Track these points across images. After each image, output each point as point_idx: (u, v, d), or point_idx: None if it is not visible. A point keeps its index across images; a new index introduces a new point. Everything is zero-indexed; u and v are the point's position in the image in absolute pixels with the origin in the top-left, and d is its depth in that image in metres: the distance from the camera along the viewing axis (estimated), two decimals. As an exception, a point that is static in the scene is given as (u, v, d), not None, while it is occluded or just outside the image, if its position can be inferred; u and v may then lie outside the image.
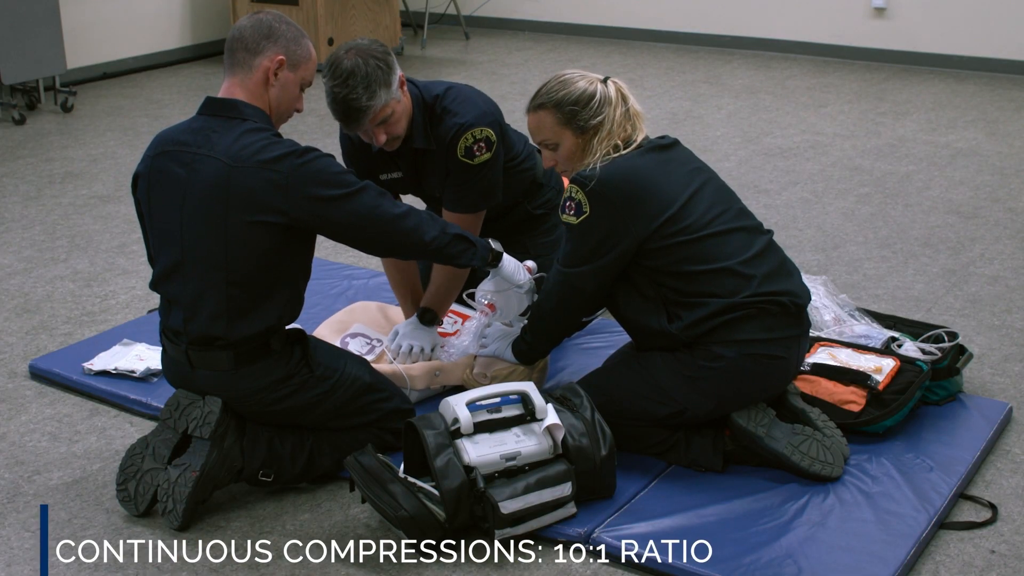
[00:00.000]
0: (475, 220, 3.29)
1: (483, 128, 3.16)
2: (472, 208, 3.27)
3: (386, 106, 3.03)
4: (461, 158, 3.17)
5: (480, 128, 3.16)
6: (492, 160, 3.21)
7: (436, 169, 3.24)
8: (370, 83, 2.98)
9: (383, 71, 3.01)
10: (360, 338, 3.38)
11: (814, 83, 7.11)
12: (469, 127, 3.15)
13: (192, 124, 2.76)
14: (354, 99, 2.98)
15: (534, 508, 2.60)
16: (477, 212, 3.29)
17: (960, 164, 5.48)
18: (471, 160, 3.17)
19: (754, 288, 2.75)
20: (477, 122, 3.17)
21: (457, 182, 3.23)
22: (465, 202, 3.26)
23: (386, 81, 3.01)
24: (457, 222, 3.25)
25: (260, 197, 2.63)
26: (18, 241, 4.64)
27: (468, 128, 3.15)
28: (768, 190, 5.15)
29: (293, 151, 2.66)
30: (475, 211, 3.28)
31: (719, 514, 2.69)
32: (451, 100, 3.19)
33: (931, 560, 2.59)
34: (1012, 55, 7.17)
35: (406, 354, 3.24)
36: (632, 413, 2.86)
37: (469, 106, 3.19)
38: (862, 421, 2.96)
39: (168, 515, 2.69)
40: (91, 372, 3.38)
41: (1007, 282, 4.11)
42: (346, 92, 2.98)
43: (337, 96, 3.00)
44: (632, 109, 2.86)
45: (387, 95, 3.02)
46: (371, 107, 3.00)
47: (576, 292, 2.86)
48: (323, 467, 2.86)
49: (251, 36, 2.74)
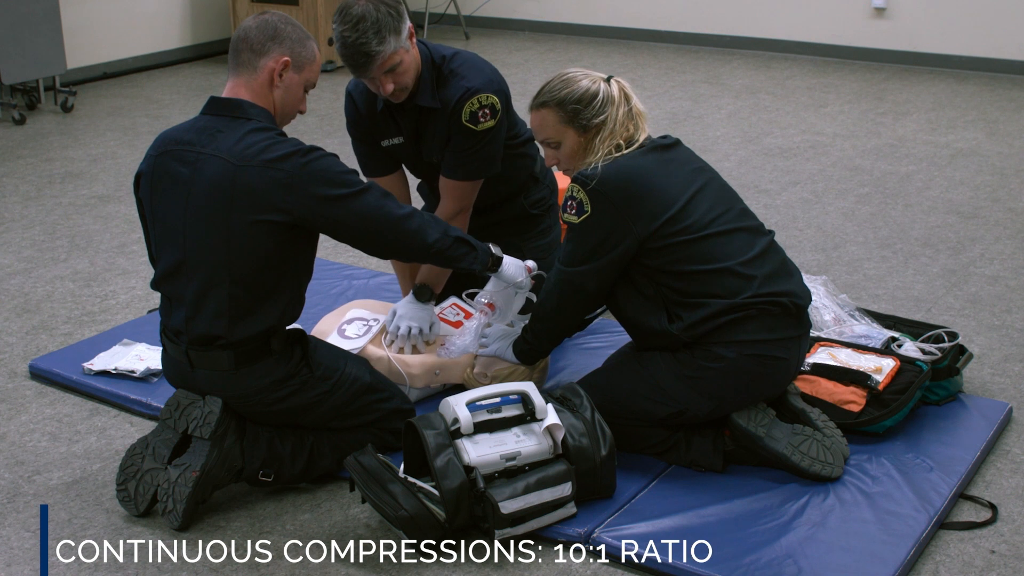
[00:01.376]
0: (472, 189, 3.28)
1: (489, 95, 3.16)
2: (470, 175, 3.26)
3: (395, 53, 3.03)
4: (465, 122, 3.16)
5: (486, 94, 3.16)
6: (495, 128, 3.20)
7: (437, 132, 3.24)
8: (380, 28, 2.98)
9: (393, 18, 3.01)
10: (357, 321, 3.35)
11: (814, 83, 7.11)
12: (476, 92, 3.15)
13: (196, 123, 2.75)
14: (364, 43, 2.98)
15: (534, 508, 2.60)
16: (475, 180, 3.28)
17: (960, 164, 5.48)
18: (475, 126, 3.17)
19: (755, 289, 2.75)
20: (484, 88, 3.17)
21: (458, 148, 3.22)
22: (464, 169, 3.25)
23: (396, 28, 3.01)
24: (453, 190, 3.25)
25: (264, 196, 2.63)
26: (18, 241, 4.64)
27: (475, 93, 3.15)
28: (768, 190, 5.15)
29: (298, 150, 2.66)
30: (473, 179, 3.27)
31: (719, 514, 2.69)
32: (459, 64, 3.19)
33: (931, 560, 2.59)
34: (1012, 55, 7.17)
35: (404, 336, 3.22)
36: (632, 413, 2.86)
37: (477, 72, 3.19)
38: (862, 421, 2.96)
39: (168, 515, 2.69)
40: (91, 372, 3.38)
41: (1007, 282, 4.11)
42: (356, 36, 2.97)
43: (347, 40, 2.99)
44: (635, 108, 2.86)
45: (396, 42, 3.02)
46: (381, 52, 3.00)
47: (577, 291, 2.86)
48: (323, 467, 2.86)
49: (256, 37, 2.74)
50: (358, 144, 3.42)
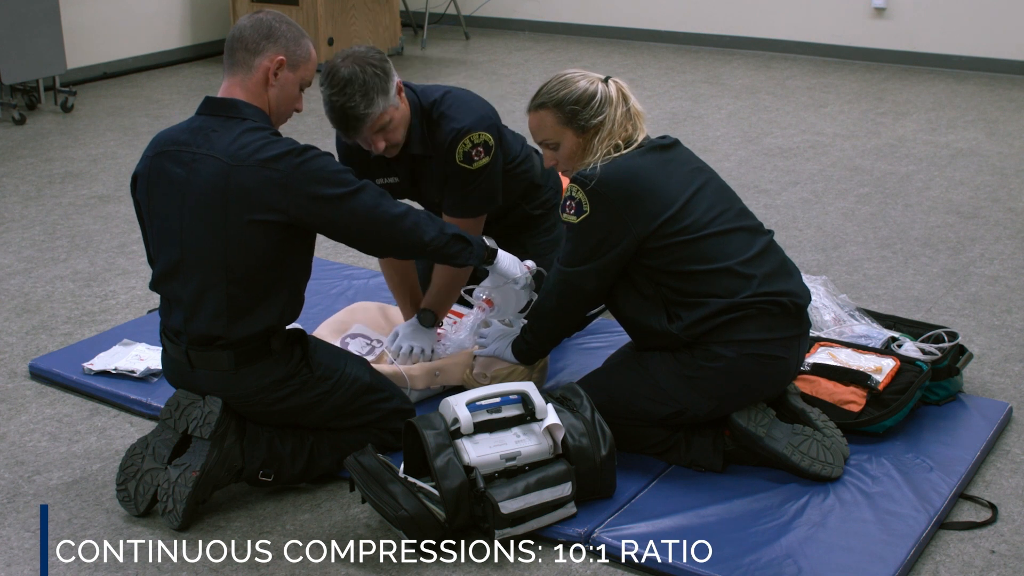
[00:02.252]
0: (476, 224, 3.28)
1: (481, 132, 3.16)
2: (473, 212, 3.27)
3: (384, 113, 3.02)
4: (460, 163, 3.17)
5: (478, 132, 3.16)
6: (491, 164, 3.20)
7: (434, 175, 3.24)
8: (368, 91, 2.97)
9: (380, 78, 3.00)
10: (360, 339, 3.39)
11: (814, 83, 7.11)
12: (467, 132, 3.15)
13: (191, 124, 2.75)
14: (352, 107, 2.97)
15: (534, 508, 2.60)
16: (478, 216, 3.29)
17: (960, 164, 5.48)
18: (470, 165, 3.17)
19: (754, 288, 2.75)
20: (475, 127, 3.16)
21: (456, 187, 3.22)
22: (465, 207, 3.25)
23: (384, 88, 3.01)
24: (459, 226, 3.24)
25: (259, 196, 2.63)
26: (18, 241, 4.64)
27: (466, 133, 3.15)
28: (768, 190, 5.14)
29: (292, 149, 2.66)
30: (476, 215, 3.28)
31: (719, 514, 2.69)
32: (448, 105, 3.18)
33: (931, 560, 2.59)
34: (1012, 55, 7.17)
35: (406, 355, 3.24)
36: (632, 413, 2.86)
37: (466, 111, 3.18)
38: (862, 421, 2.96)
39: (168, 515, 2.69)
40: (91, 372, 3.38)
41: (1007, 282, 4.11)
42: (344, 100, 2.97)
43: (335, 104, 2.99)
44: (633, 109, 2.86)
45: (385, 102, 3.01)
46: (369, 115, 2.99)
47: (576, 291, 2.86)
48: (323, 467, 2.86)
49: (251, 36, 2.73)
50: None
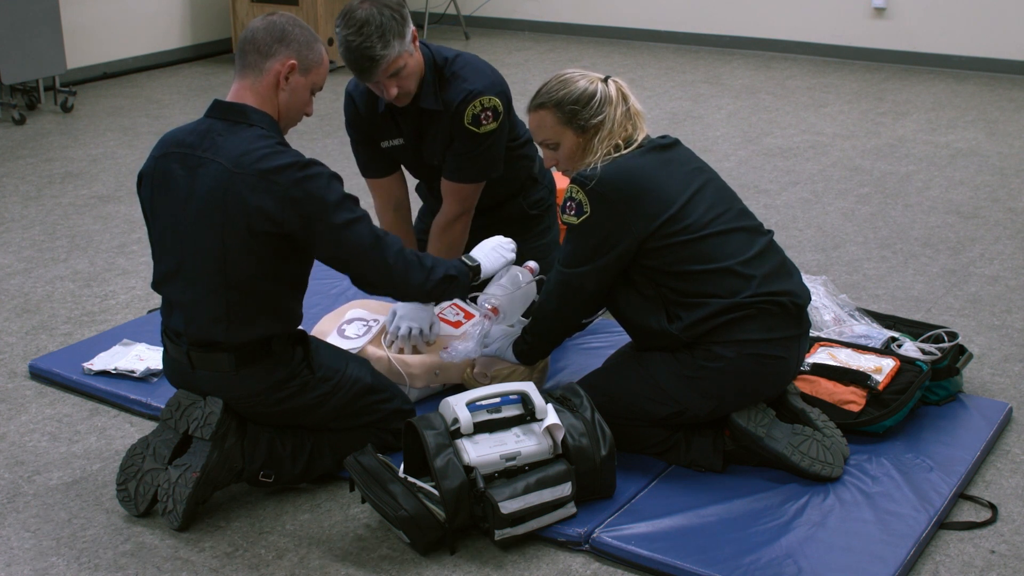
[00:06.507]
0: (474, 191, 3.27)
1: (492, 97, 3.16)
2: (473, 178, 3.25)
3: (399, 57, 3.02)
4: (467, 125, 3.16)
5: (489, 97, 3.15)
6: (497, 131, 3.19)
7: (439, 135, 3.23)
8: (384, 33, 2.97)
9: (397, 22, 3.00)
10: (357, 322, 3.35)
11: (814, 83, 7.11)
12: (478, 94, 3.15)
13: (199, 126, 2.73)
14: (368, 47, 2.96)
15: (534, 508, 2.60)
16: (477, 183, 3.27)
17: (960, 164, 5.48)
18: (477, 128, 3.16)
19: (754, 288, 2.75)
20: (486, 90, 3.16)
21: (460, 151, 3.21)
22: (466, 172, 3.24)
23: (400, 32, 3.00)
24: (456, 192, 3.24)
25: (256, 206, 2.60)
26: (18, 241, 4.64)
27: (477, 95, 3.15)
28: (768, 190, 5.15)
29: (296, 163, 2.62)
30: (475, 181, 3.26)
31: (719, 514, 2.69)
32: (461, 66, 3.18)
33: (931, 560, 2.59)
34: (1012, 55, 7.17)
35: (405, 336, 3.21)
36: (632, 413, 2.86)
37: (479, 74, 3.18)
38: (862, 421, 2.96)
39: (168, 515, 2.69)
40: (91, 372, 3.38)
41: (1007, 282, 4.11)
42: (360, 40, 2.96)
43: (351, 45, 2.98)
44: (633, 108, 2.86)
45: (401, 46, 3.01)
46: (385, 56, 2.99)
47: (576, 292, 2.86)
48: (323, 467, 2.85)
49: (263, 39, 2.70)
50: (357, 145, 3.42)
